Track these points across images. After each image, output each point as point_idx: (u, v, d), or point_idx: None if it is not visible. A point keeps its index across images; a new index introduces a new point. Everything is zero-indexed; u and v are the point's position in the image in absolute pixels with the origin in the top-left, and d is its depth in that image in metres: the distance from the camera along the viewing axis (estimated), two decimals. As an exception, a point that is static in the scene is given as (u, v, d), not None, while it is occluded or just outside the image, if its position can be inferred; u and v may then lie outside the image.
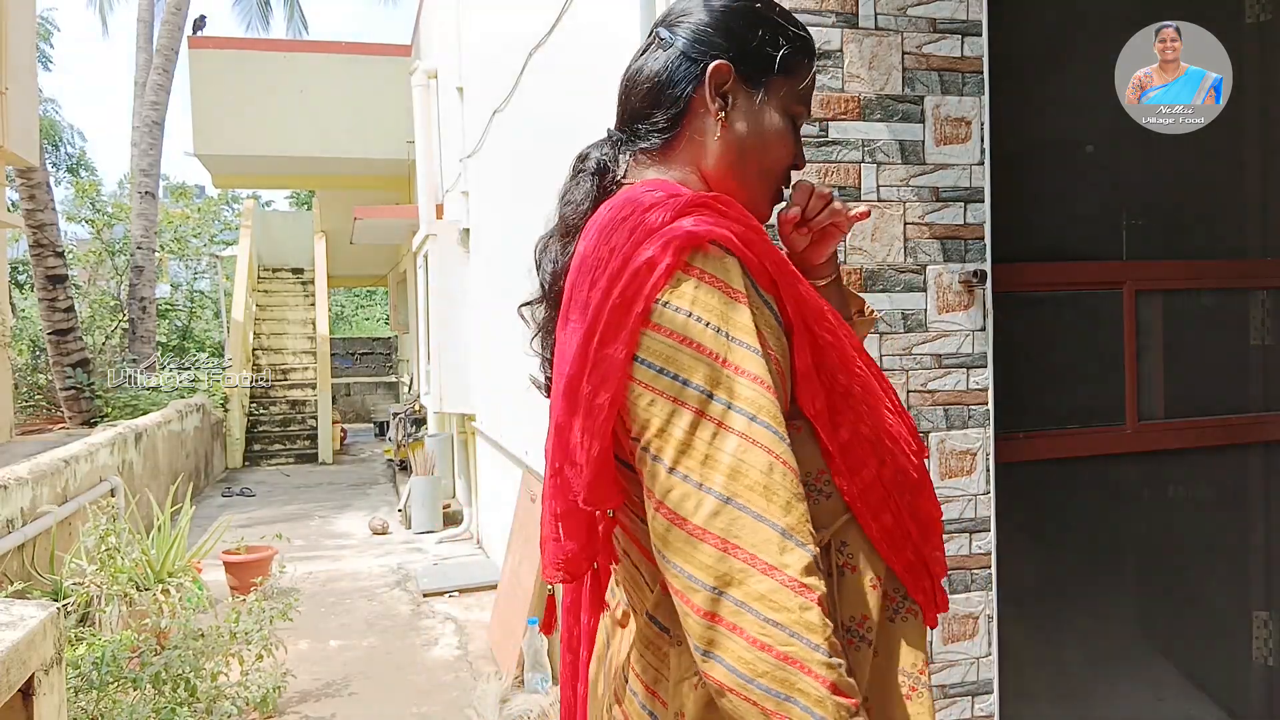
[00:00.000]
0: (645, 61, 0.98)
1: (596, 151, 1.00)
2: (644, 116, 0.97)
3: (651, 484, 0.80)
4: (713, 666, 0.75)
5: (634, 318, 0.80)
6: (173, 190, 19.23)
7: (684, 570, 0.77)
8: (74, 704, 2.83)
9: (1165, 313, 2.64)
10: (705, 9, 0.96)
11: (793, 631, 0.74)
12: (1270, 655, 2.70)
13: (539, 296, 1.01)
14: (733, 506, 0.76)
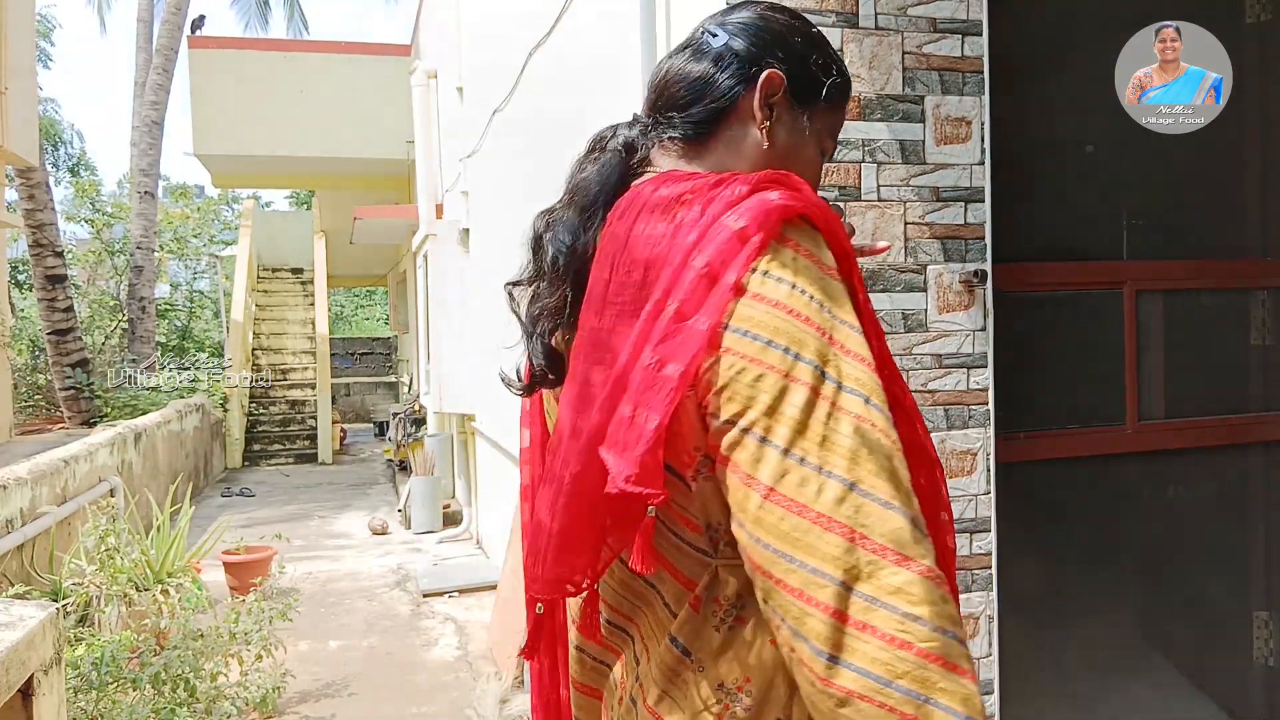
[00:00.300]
0: (694, 55, 0.94)
1: (625, 131, 0.95)
2: (681, 107, 0.92)
3: (755, 469, 0.71)
4: (839, 673, 0.67)
5: (726, 288, 0.73)
6: (172, 190, 19.23)
7: (805, 564, 0.68)
8: (73, 704, 2.83)
9: (1166, 313, 2.64)
10: (765, 19, 0.94)
11: (935, 625, 0.67)
12: (1271, 655, 2.70)
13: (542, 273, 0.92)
14: (857, 493, 0.69)
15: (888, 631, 0.66)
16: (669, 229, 0.79)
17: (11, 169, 9.12)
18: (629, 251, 0.81)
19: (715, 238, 0.75)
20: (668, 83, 0.94)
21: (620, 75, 2.71)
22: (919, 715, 0.65)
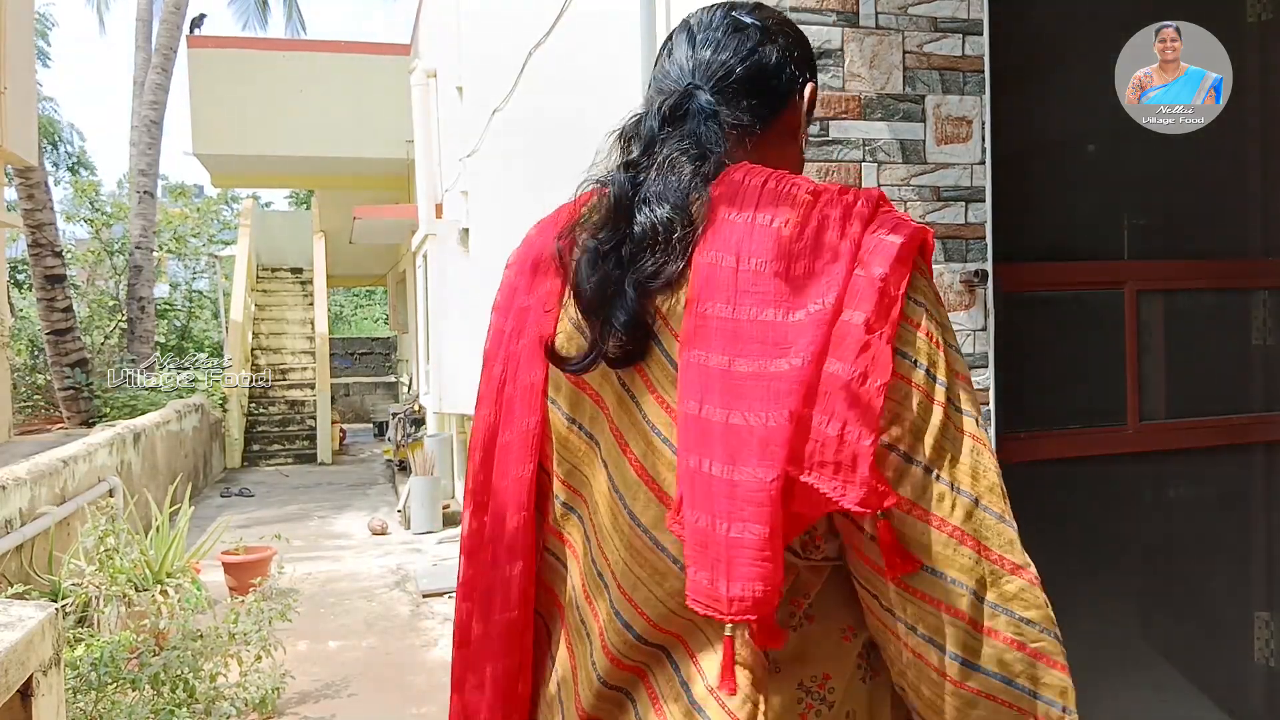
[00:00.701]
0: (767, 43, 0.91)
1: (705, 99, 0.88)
2: (744, 94, 0.89)
3: (899, 484, 0.73)
4: (972, 676, 0.74)
5: (894, 303, 0.75)
6: (171, 190, 19.23)
7: (945, 574, 0.73)
8: (73, 705, 2.83)
9: (1166, 313, 2.64)
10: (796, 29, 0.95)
11: (1043, 628, 0.76)
12: (1271, 656, 2.69)
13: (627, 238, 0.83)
14: (980, 509, 0.74)
15: (1008, 635, 0.74)
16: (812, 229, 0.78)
17: (10, 169, 9.12)
18: (757, 241, 0.78)
19: (881, 250, 0.76)
20: (757, 59, 0.90)
21: (620, 75, 2.71)
22: (1031, 710, 0.74)
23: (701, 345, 0.77)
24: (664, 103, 0.87)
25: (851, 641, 0.83)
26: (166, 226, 14.55)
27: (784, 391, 0.74)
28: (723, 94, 0.89)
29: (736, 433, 0.75)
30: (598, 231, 0.85)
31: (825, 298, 0.75)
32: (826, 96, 2.07)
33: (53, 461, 4.56)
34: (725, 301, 0.77)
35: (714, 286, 0.78)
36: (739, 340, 0.76)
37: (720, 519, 0.75)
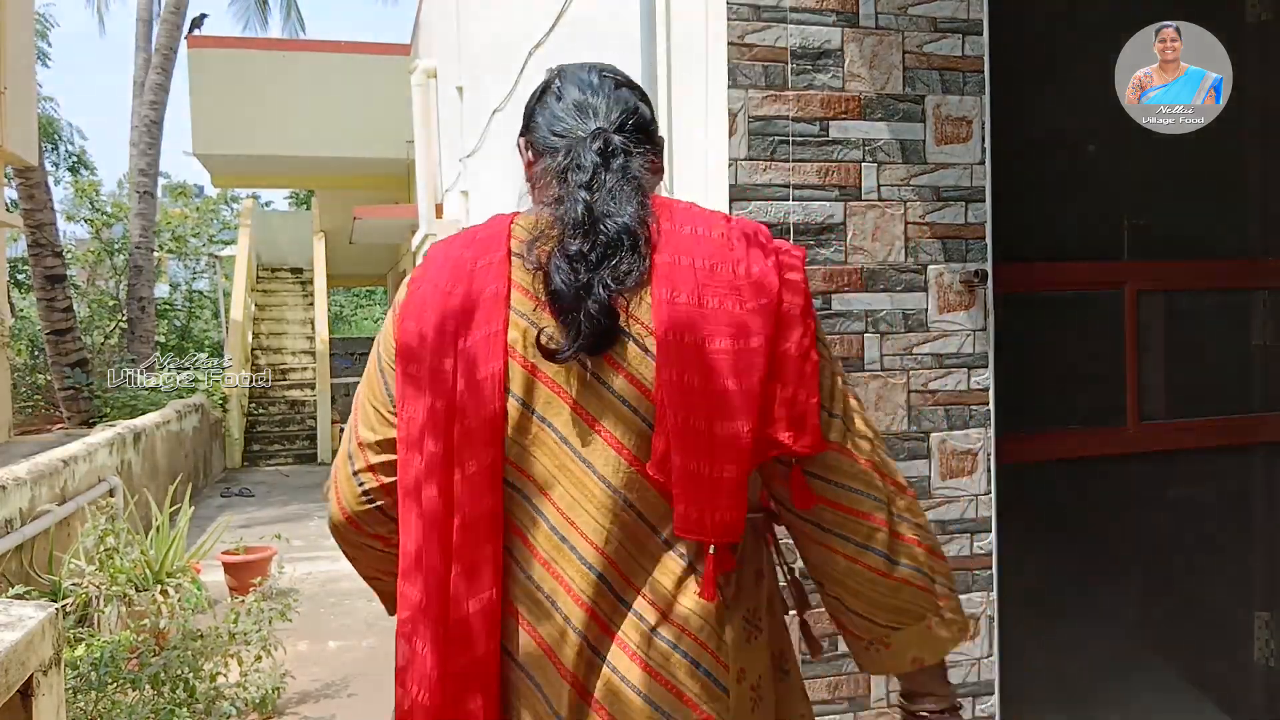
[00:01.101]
0: (641, 104, 1.16)
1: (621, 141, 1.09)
2: (639, 140, 1.12)
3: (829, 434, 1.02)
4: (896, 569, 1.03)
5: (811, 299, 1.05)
6: (172, 190, 19.23)
7: (869, 495, 1.02)
8: (73, 705, 2.83)
9: (1166, 313, 2.64)
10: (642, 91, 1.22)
11: (929, 530, 1.07)
12: (1271, 656, 2.69)
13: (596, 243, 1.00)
14: (878, 450, 1.05)
15: (912, 536, 1.03)
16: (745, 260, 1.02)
17: (10, 169, 9.12)
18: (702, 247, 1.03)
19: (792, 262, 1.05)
20: (640, 113, 1.14)
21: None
22: (931, 589, 1.04)
23: (675, 327, 0.97)
24: (592, 144, 1.08)
25: (761, 584, 1.08)
26: (167, 226, 14.55)
27: (752, 365, 0.97)
28: (635, 133, 1.11)
29: (716, 396, 0.96)
30: (569, 242, 1.00)
31: (768, 293, 1.00)
32: (826, 96, 2.07)
33: (53, 461, 4.56)
34: (689, 293, 0.99)
35: (678, 282, 1.00)
36: (708, 323, 0.98)
37: (704, 463, 0.96)
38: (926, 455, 2.16)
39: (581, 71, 1.18)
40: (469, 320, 1.02)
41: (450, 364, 1.01)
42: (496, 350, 1.00)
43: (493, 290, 1.03)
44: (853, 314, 2.10)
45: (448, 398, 1.01)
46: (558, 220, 1.04)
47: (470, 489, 0.99)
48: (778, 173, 2.05)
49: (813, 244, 2.07)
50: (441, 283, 1.06)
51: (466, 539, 0.99)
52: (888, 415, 2.13)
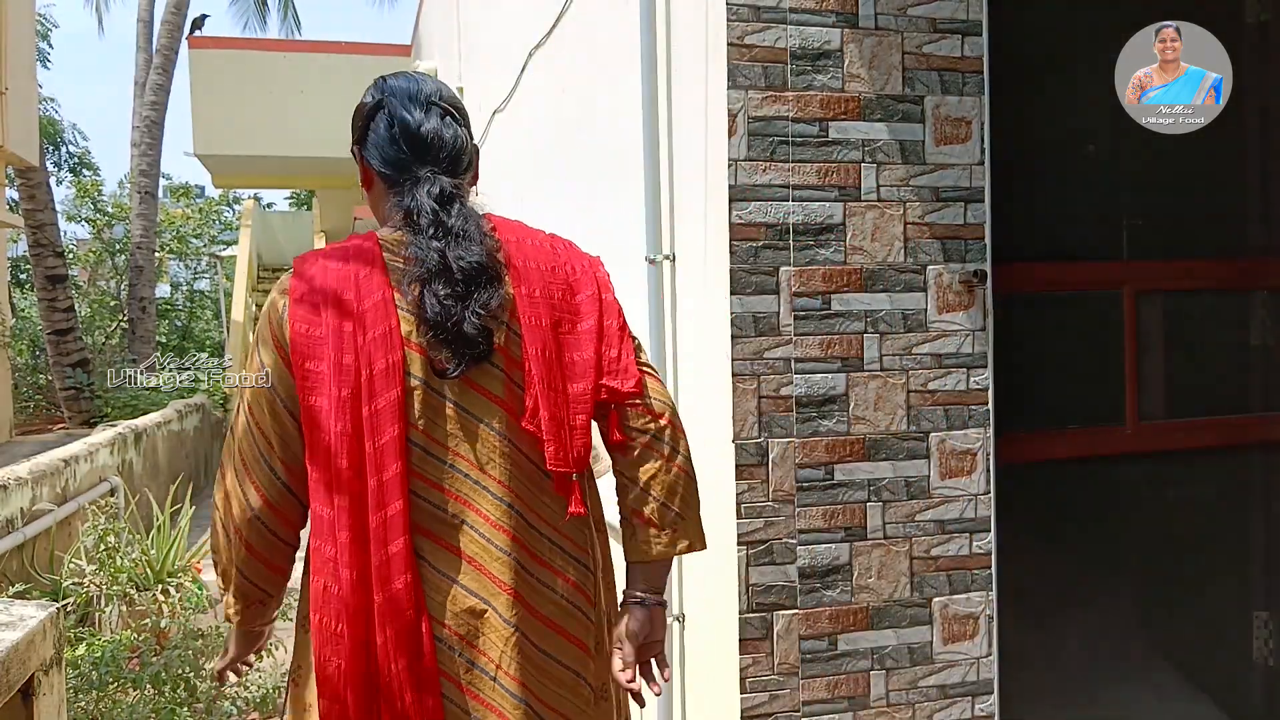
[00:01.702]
0: (449, 125, 1.40)
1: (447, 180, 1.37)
2: (463, 166, 1.41)
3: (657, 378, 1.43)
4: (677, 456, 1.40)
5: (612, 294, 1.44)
6: (173, 190, 19.22)
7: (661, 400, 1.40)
8: (74, 704, 2.83)
9: (1166, 313, 2.64)
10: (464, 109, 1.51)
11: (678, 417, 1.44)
12: (1270, 655, 2.70)
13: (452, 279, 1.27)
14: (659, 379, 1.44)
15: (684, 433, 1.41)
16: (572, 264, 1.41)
17: (11, 169, 9.13)
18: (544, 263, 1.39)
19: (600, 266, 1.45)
20: (449, 143, 1.39)
21: (621, 74, 2.71)
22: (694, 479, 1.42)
23: (535, 316, 1.33)
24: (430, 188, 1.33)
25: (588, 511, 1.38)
26: (168, 227, 14.55)
27: (589, 340, 1.36)
28: (454, 167, 1.38)
29: (567, 364, 1.35)
30: (435, 285, 1.27)
31: (591, 287, 1.40)
32: (826, 97, 2.08)
33: (54, 461, 4.57)
34: (541, 289, 1.35)
35: (533, 282, 1.36)
36: (555, 312, 1.35)
37: (563, 412, 1.32)
38: (926, 455, 2.16)
39: (410, 96, 1.41)
40: (363, 322, 1.28)
41: (351, 360, 1.27)
42: (395, 344, 1.28)
43: (380, 297, 1.29)
44: (852, 314, 2.10)
45: (353, 387, 1.26)
46: (417, 262, 1.29)
47: (380, 457, 1.25)
48: (777, 173, 2.05)
49: (812, 244, 2.08)
50: (329, 293, 1.30)
51: (378, 499, 1.24)
52: (887, 415, 2.13)
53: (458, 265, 1.27)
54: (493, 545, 1.28)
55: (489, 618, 1.27)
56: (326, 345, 1.28)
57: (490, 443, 1.30)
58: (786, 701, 2.06)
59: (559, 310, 1.35)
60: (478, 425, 1.30)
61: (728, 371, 2.03)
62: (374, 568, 1.23)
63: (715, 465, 2.11)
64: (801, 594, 2.08)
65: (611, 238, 2.86)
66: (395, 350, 1.27)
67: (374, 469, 1.25)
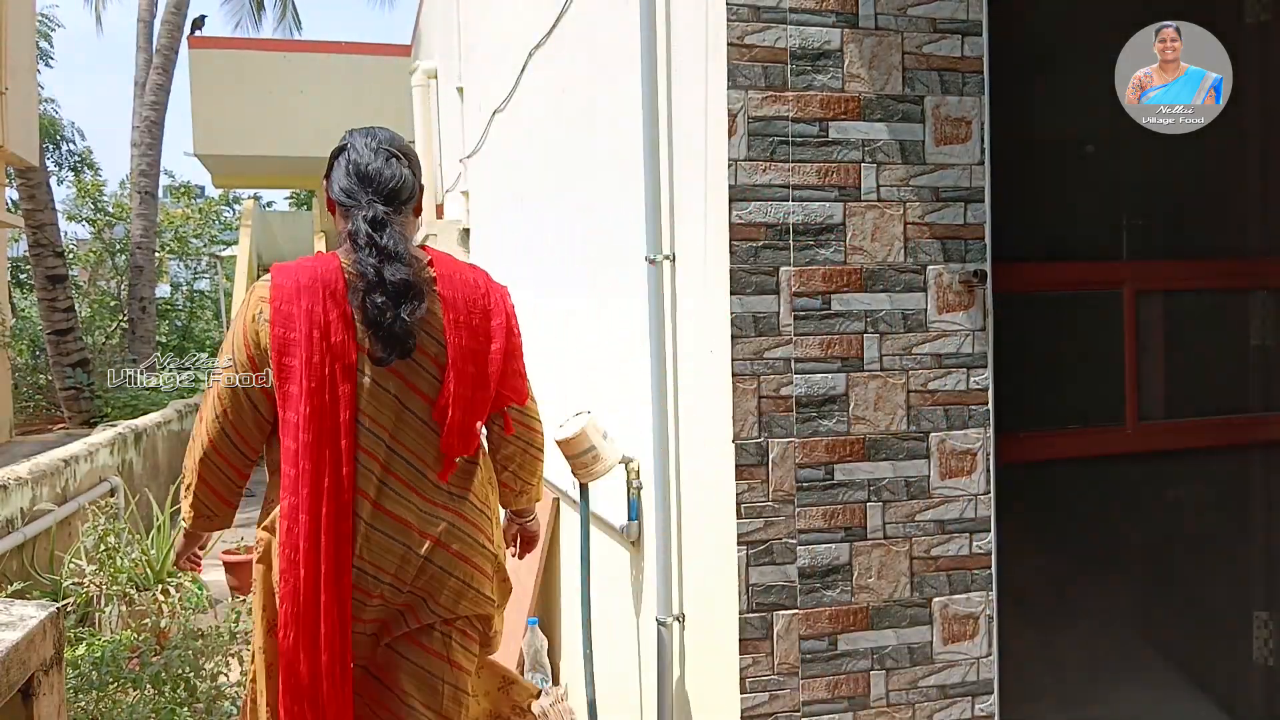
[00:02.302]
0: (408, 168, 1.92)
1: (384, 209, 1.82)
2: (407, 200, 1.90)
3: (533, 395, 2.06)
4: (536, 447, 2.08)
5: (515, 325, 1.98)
6: (173, 190, 19.22)
7: (534, 412, 2.06)
8: (74, 704, 2.83)
9: (1166, 313, 2.64)
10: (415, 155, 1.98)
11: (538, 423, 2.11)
12: (1271, 655, 2.70)
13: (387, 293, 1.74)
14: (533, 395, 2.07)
15: (541, 433, 2.10)
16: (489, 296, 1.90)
17: (12, 169, 9.13)
18: (466, 294, 1.87)
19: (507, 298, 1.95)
20: (393, 181, 1.85)
21: (621, 74, 2.71)
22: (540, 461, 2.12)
23: (458, 336, 1.82)
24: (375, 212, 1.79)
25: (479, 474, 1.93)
26: (168, 227, 14.55)
27: (496, 360, 1.86)
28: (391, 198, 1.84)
29: (477, 377, 1.83)
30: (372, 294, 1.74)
31: (501, 316, 1.88)
32: (826, 97, 2.08)
33: (54, 461, 4.57)
34: (464, 315, 1.84)
35: (459, 308, 1.84)
36: (474, 334, 1.84)
37: (468, 416, 1.83)
38: (926, 455, 2.16)
39: (368, 142, 1.89)
40: (328, 330, 1.74)
41: (319, 359, 1.73)
42: (350, 349, 1.76)
43: (341, 310, 1.76)
44: (852, 314, 2.10)
45: (319, 380, 1.73)
46: (361, 276, 1.75)
47: (335, 433, 1.73)
48: (777, 173, 2.05)
49: (812, 244, 2.08)
50: (303, 303, 1.75)
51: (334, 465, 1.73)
52: (887, 415, 2.13)
53: (389, 281, 1.73)
54: (411, 503, 1.81)
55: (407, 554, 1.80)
56: (300, 347, 1.73)
57: (415, 427, 1.82)
58: (786, 701, 2.06)
59: (477, 333, 1.85)
60: (408, 413, 1.81)
61: (728, 371, 2.03)
62: (324, 515, 1.71)
63: (715, 465, 2.11)
64: (801, 594, 2.08)
65: (611, 238, 2.86)
66: (350, 354, 1.75)
67: (330, 442, 1.72)
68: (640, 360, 2.51)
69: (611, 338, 2.88)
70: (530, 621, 3.68)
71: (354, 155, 1.85)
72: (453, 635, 1.86)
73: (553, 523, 3.84)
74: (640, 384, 2.52)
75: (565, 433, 2.53)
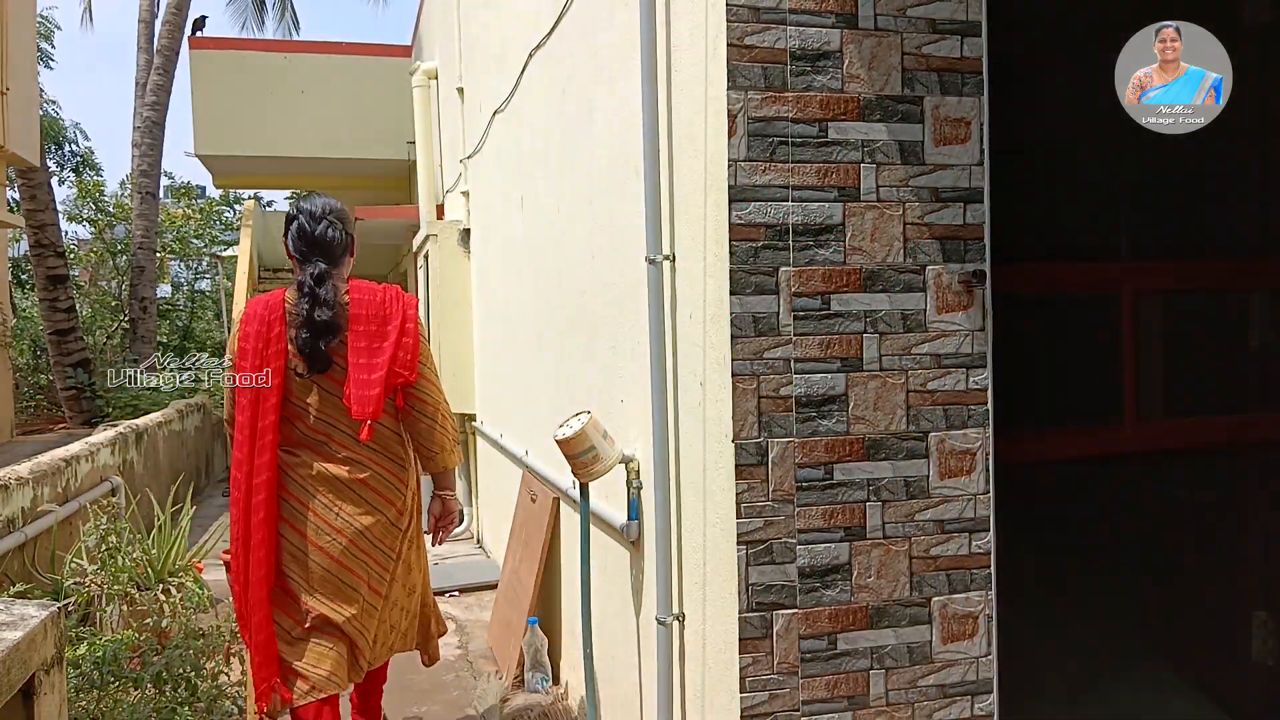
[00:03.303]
0: (334, 228, 2.70)
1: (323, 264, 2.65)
2: (338, 251, 2.70)
3: (425, 371, 2.73)
4: (441, 421, 2.76)
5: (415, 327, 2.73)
6: (174, 190, 19.23)
7: (434, 393, 2.75)
8: (75, 704, 2.84)
9: (1165, 313, 2.64)
10: (344, 215, 2.76)
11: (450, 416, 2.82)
12: (1270, 655, 2.70)
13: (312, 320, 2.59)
14: (435, 379, 2.78)
15: (446, 411, 2.80)
16: (390, 310, 2.68)
17: (13, 169, 9.13)
18: (371, 311, 2.65)
19: (411, 305, 2.73)
20: (330, 241, 2.67)
21: (621, 74, 2.72)
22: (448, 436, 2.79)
23: (356, 342, 2.63)
24: (316, 269, 2.62)
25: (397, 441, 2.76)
26: (169, 227, 14.56)
27: (389, 349, 2.64)
28: (329, 253, 2.67)
29: (372, 364, 2.61)
30: (303, 329, 2.58)
31: (396, 320, 2.67)
32: (825, 98, 2.08)
33: (55, 461, 4.58)
34: (367, 324, 2.64)
35: (365, 319, 2.65)
36: (371, 337, 2.64)
37: (365, 390, 2.59)
38: (925, 455, 2.16)
39: (312, 211, 2.70)
40: (269, 342, 2.60)
41: (261, 362, 2.59)
42: (281, 353, 2.60)
43: (279, 329, 2.61)
44: (851, 314, 2.11)
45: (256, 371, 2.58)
46: (297, 314, 2.60)
47: (267, 410, 2.58)
48: (777, 174, 2.05)
49: (811, 244, 2.08)
50: (258, 323, 2.61)
51: (261, 431, 2.57)
52: (886, 415, 2.14)
53: (315, 320, 2.58)
54: (334, 459, 2.65)
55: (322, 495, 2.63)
56: (250, 352, 2.61)
57: (332, 403, 2.63)
58: (786, 701, 2.07)
59: (374, 336, 2.63)
60: (327, 395, 2.64)
61: (728, 371, 2.03)
62: (253, 464, 2.57)
63: (715, 465, 2.12)
64: (801, 593, 2.08)
65: (611, 238, 2.86)
66: (281, 357, 2.61)
67: (261, 415, 2.59)
68: (640, 360, 2.52)
69: (611, 337, 2.89)
70: (530, 621, 3.69)
71: (302, 222, 2.68)
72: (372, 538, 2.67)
73: (553, 523, 3.84)
74: (640, 383, 2.52)
75: (565, 433, 2.53)
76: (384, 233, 10.01)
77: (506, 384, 5.07)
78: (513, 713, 3.45)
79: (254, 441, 2.55)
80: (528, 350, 4.33)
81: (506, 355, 5.03)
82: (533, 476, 4.20)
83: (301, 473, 2.61)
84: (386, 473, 2.68)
